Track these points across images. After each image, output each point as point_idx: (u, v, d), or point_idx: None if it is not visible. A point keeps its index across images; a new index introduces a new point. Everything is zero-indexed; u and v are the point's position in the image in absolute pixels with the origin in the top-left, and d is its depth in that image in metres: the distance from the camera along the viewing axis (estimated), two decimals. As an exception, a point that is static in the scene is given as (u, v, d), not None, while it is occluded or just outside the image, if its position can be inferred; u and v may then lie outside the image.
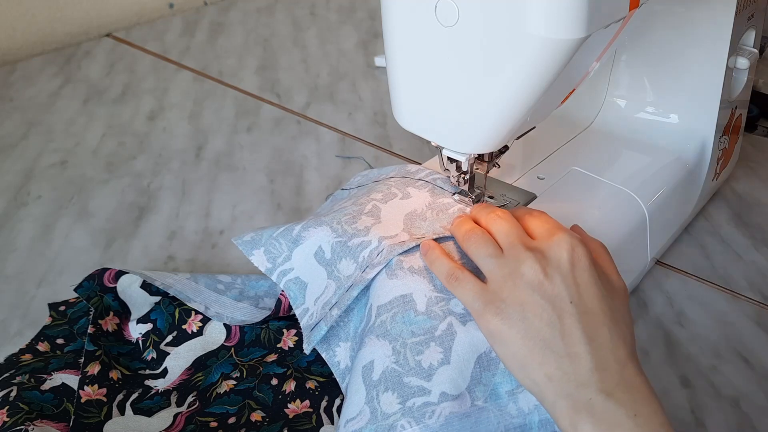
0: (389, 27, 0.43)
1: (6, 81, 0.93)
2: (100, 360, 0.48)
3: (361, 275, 0.44)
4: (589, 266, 0.40)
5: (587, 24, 0.36)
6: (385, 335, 0.41)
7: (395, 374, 0.40)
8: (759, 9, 0.60)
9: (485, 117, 0.43)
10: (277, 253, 0.49)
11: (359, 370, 0.41)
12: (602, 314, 0.38)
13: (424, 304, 0.42)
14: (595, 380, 0.36)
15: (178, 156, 0.77)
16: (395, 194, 0.51)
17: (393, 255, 0.44)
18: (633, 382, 0.36)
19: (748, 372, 0.50)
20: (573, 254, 0.40)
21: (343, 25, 1.11)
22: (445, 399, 0.39)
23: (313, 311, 0.47)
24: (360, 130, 0.82)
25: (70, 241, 0.64)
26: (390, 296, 0.43)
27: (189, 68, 0.96)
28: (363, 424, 0.39)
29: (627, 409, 0.35)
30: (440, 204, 0.49)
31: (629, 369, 0.37)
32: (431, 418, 0.38)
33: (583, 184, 0.56)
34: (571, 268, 0.39)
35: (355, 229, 0.47)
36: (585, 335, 0.37)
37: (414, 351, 0.40)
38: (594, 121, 0.64)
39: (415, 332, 0.41)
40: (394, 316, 0.42)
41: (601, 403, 0.35)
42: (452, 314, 0.42)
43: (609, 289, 0.40)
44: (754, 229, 0.64)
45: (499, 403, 0.40)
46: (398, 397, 0.39)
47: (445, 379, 0.40)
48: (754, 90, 0.74)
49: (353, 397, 0.41)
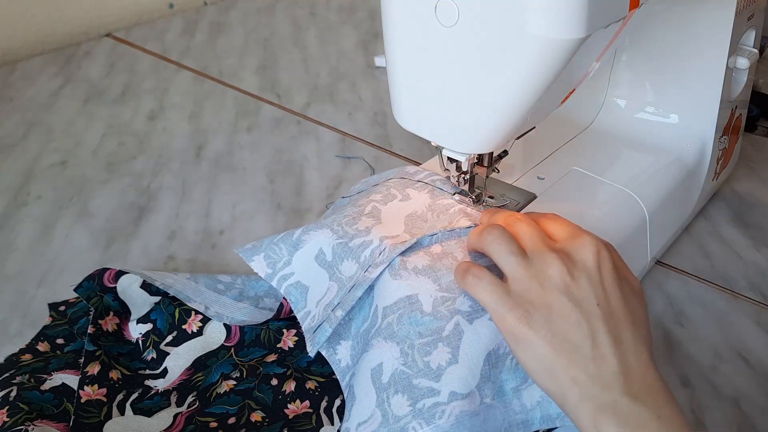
0: (389, 27, 0.43)
1: (6, 81, 0.93)
2: (100, 360, 0.48)
3: (364, 275, 0.44)
4: (613, 268, 0.40)
5: (587, 24, 0.36)
6: (392, 337, 0.41)
7: (404, 376, 0.40)
8: (759, 9, 0.60)
9: (485, 117, 0.43)
10: (277, 258, 0.49)
11: (368, 372, 0.41)
12: (625, 317, 0.39)
13: (430, 304, 0.42)
14: (620, 383, 0.36)
15: (178, 156, 0.77)
16: (395, 195, 0.51)
17: (395, 254, 0.44)
18: (655, 385, 0.36)
19: (748, 372, 0.50)
20: (599, 256, 0.40)
21: (343, 25, 1.11)
22: (454, 398, 0.39)
23: (315, 314, 0.46)
24: (360, 130, 0.82)
25: (70, 241, 0.64)
26: (395, 297, 0.43)
27: (189, 68, 0.96)
28: (375, 428, 0.39)
29: (651, 410, 0.35)
30: (440, 205, 0.49)
31: (651, 372, 0.37)
32: (441, 418, 0.39)
33: (583, 184, 0.56)
34: (597, 270, 0.39)
35: (355, 230, 0.47)
36: (611, 338, 0.37)
37: (422, 352, 0.40)
38: (594, 121, 0.64)
39: (422, 333, 0.41)
40: (400, 318, 0.42)
41: (626, 405, 0.35)
42: (459, 313, 0.42)
43: (629, 291, 0.40)
44: (754, 229, 0.64)
45: (504, 399, 0.40)
46: (408, 399, 0.39)
47: (454, 378, 0.40)
48: (754, 90, 0.74)
49: (363, 400, 0.41)
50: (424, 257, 0.44)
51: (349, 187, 0.71)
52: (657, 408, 0.35)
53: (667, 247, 0.61)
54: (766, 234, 0.64)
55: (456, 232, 0.46)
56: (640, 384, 0.36)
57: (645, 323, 0.40)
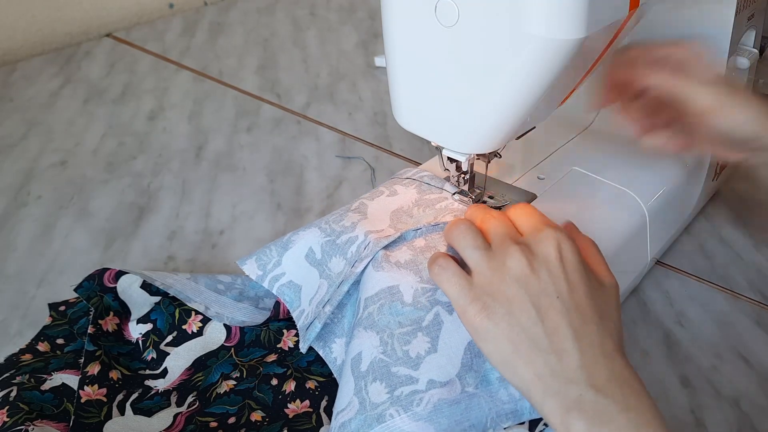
0: (389, 27, 0.43)
1: (6, 81, 0.93)
2: (100, 360, 0.48)
3: (351, 270, 0.45)
4: (576, 262, 0.39)
5: (587, 24, 0.36)
6: (372, 326, 0.42)
7: (383, 364, 0.40)
8: (759, 9, 0.60)
9: (485, 117, 0.43)
10: (267, 260, 0.50)
11: (348, 362, 0.42)
12: (589, 310, 0.38)
13: (410, 295, 0.42)
14: (584, 376, 0.35)
15: (178, 156, 0.77)
16: (382, 192, 0.51)
17: (379, 247, 0.44)
18: (622, 376, 0.36)
19: (748, 372, 0.50)
20: (560, 249, 0.39)
21: (343, 25, 1.11)
22: (433, 386, 0.39)
23: (308, 311, 0.47)
24: (360, 130, 0.82)
25: (70, 241, 0.64)
26: (377, 288, 0.43)
27: (189, 68, 0.96)
28: (352, 415, 0.39)
29: (618, 403, 0.34)
30: (427, 200, 0.50)
31: (618, 362, 0.36)
32: (419, 405, 0.38)
33: (583, 184, 0.56)
34: (559, 262, 0.39)
35: (342, 227, 0.48)
36: (572, 331, 0.37)
37: (401, 341, 0.41)
38: (594, 121, 0.64)
39: (402, 323, 0.41)
40: (381, 308, 0.42)
41: (591, 399, 0.35)
42: (439, 304, 0.42)
43: (597, 285, 0.40)
44: (754, 229, 0.64)
45: (490, 389, 0.40)
46: (386, 387, 0.39)
47: (433, 366, 0.40)
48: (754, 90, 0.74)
49: (343, 389, 0.41)
50: (407, 252, 0.45)
51: (349, 187, 0.71)
52: (625, 400, 0.35)
53: (667, 247, 0.61)
54: (766, 234, 0.64)
55: (440, 226, 0.46)
56: (606, 377, 0.36)
57: (613, 317, 0.39)
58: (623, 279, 0.54)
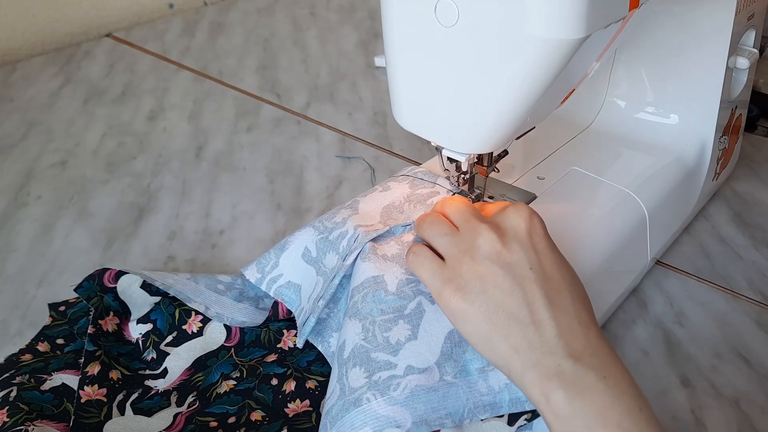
0: (389, 27, 0.43)
1: (6, 81, 0.93)
2: (100, 360, 0.48)
3: (342, 264, 0.45)
4: (545, 234, 0.40)
5: (587, 24, 0.36)
6: (356, 315, 0.42)
7: (363, 350, 0.40)
8: (759, 9, 0.60)
9: (485, 117, 0.43)
10: (265, 263, 0.51)
11: (337, 352, 0.42)
12: (562, 279, 0.38)
13: (394, 285, 0.43)
14: (561, 345, 0.36)
15: (178, 156, 0.77)
16: (375, 188, 0.52)
17: (367, 239, 0.45)
18: (598, 345, 0.36)
19: (748, 372, 0.50)
20: (530, 222, 0.40)
21: (343, 25, 1.11)
22: (410, 372, 0.39)
23: (306, 309, 0.48)
24: (360, 130, 0.82)
25: (70, 241, 0.64)
26: (362, 278, 0.43)
27: (189, 68, 0.96)
28: (334, 402, 0.40)
29: (596, 371, 0.35)
30: (418, 195, 0.50)
31: (593, 333, 0.37)
32: (396, 390, 0.39)
33: (583, 184, 0.56)
34: (528, 235, 0.39)
35: (333, 223, 0.48)
36: (547, 301, 0.37)
37: (382, 328, 0.41)
38: (594, 121, 0.64)
39: (384, 310, 0.41)
40: (365, 296, 0.42)
41: (570, 368, 0.35)
42: (422, 294, 0.42)
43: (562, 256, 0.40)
44: (754, 229, 0.64)
45: (468, 380, 0.40)
46: (365, 372, 0.40)
47: (412, 353, 0.40)
48: (754, 90, 0.74)
49: (331, 378, 0.42)
50: (395, 246, 0.45)
51: (349, 187, 0.71)
52: (602, 368, 0.35)
53: (667, 247, 0.61)
54: (766, 234, 0.64)
55: None
56: (583, 345, 0.36)
57: (581, 285, 0.40)
58: (623, 279, 0.54)
